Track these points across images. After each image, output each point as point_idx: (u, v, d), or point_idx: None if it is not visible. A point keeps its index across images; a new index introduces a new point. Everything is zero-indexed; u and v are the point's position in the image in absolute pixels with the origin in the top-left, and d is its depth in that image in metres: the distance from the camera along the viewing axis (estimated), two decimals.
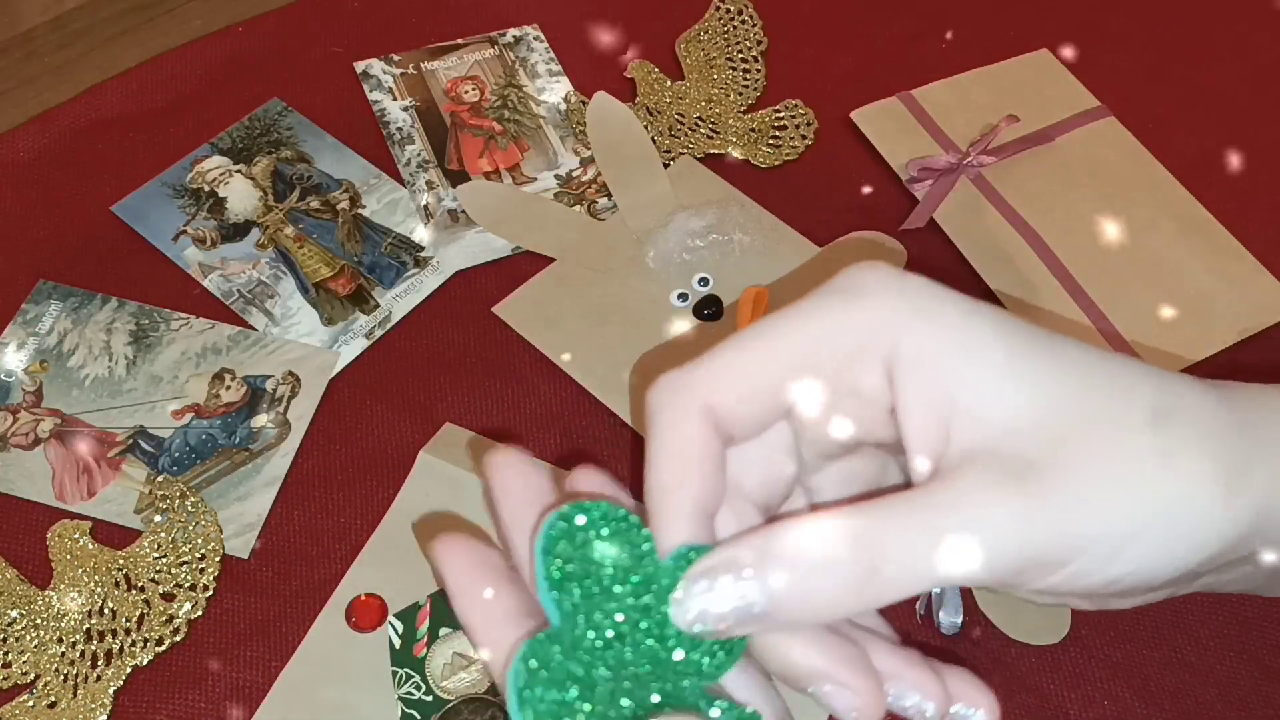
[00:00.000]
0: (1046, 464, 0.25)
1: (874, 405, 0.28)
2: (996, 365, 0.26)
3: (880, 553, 0.25)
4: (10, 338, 0.59)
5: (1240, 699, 0.49)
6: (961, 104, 0.68)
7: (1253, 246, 0.62)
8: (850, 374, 0.27)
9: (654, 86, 0.69)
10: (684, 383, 0.28)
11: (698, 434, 0.27)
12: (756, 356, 0.28)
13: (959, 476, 0.26)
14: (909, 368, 0.26)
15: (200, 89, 0.70)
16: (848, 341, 0.27)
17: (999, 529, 0.25)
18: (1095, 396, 0.26)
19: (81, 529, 0.51)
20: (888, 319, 0.27)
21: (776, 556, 0.25)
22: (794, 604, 0.25)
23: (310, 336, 0.59)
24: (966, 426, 0.26)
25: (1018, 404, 0.26)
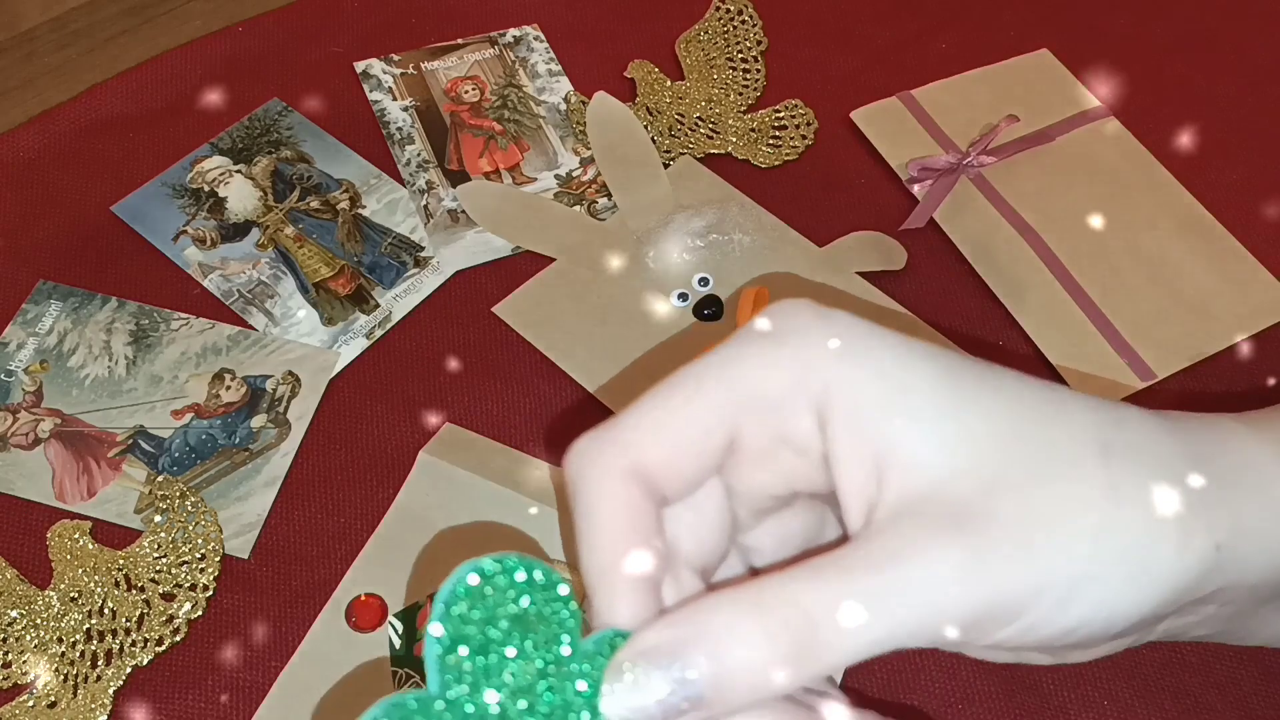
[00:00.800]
0: (989, 510, 0.24)
1: (806, 453, 0.26)
2: (932, 408, 0.25)
3: (816, 622, 0.23)
4: (10, 338, 0.59)
5: (1240, 699, 0.49)
6: (961, 104, 0.68)
7: (1253, 246, 0.62)
8: (780, 422, 0.26)
9: (654, 86, 0.69)
10: (605, 444, 0.26)
11: (629, 499, 0.25)
12: (681, 408, 0.26)
13: (896, 529, 0.24)
14: (839, 414, 0.25)
15: (200, 89, 0.70)
16: (775, 388, 0.25)
17: (942, 585, 0.23)
18: (1038, 434, 0.25)
19: (81, 529, 0.51)
20: (814, 363, 0.25)
21: (703, 640, 0.23)
22: (729, 689, 0.23)
23: (310, 336, 0.59)
24: (902, 474, 0.24)
25: (956, 448, 0.24)
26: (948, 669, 0.50)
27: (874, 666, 0.50)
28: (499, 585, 0.24)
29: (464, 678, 0.24)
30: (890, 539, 0.24)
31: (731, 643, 0.23)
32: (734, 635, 0.23)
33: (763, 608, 0.23)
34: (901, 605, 0.23)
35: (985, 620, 0.24)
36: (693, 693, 0.23)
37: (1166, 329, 0.59)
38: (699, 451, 0.26)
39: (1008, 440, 0.25)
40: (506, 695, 0.24)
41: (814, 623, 0.23)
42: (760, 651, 0.23)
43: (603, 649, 0.25)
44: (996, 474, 0.24)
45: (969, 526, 0.24)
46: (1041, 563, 0.24)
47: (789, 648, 0.23)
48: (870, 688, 0.49)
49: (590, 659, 0.24)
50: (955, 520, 0.24)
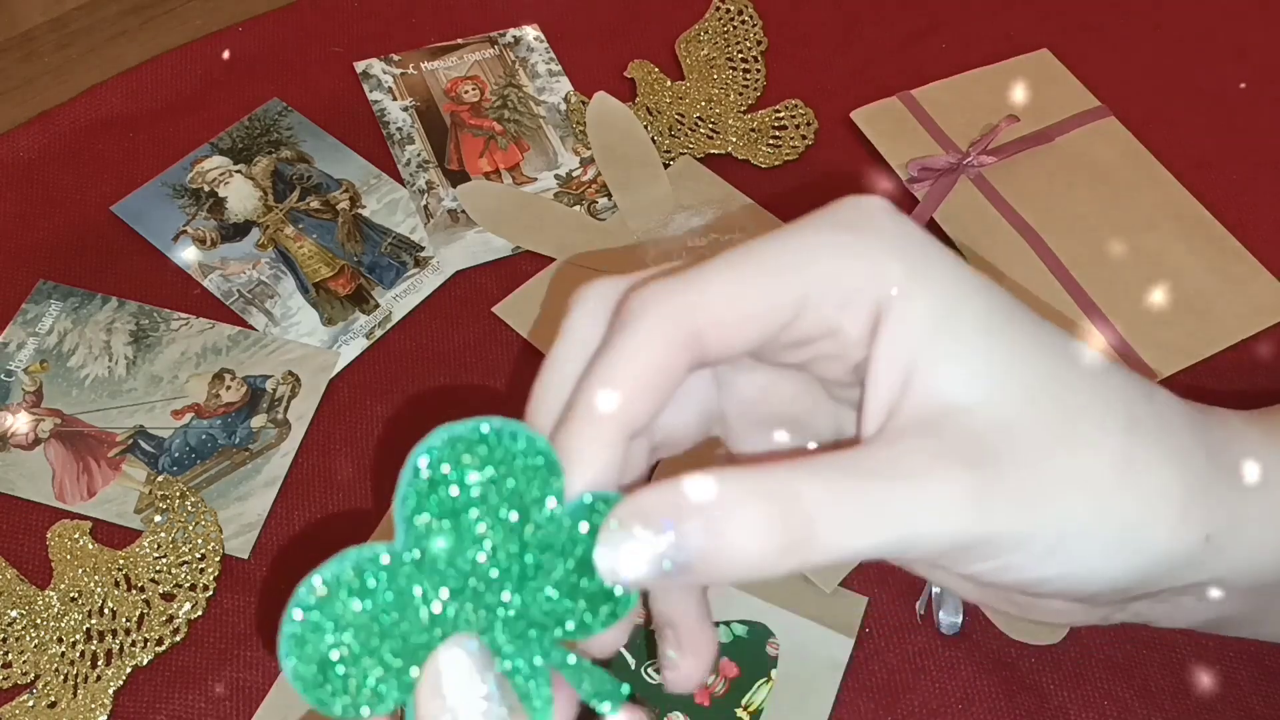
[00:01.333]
0: (1003, 450, 0.24)
1: (849, 348, 0.26)
2: (976, 338, 0.25)
3: (814, 515, 0.23)
4: (10, 338, 0.59)
5: (1240, 699, 0.49)
6: (961, 104, 0.68)
7: (1253, 246, 0.62)
8: (842, 312, 0.26)
9: (654, 86, 0.69)
10: (673, 297, 0.25)
11: (673, 361, 0.25)
12: (755, 279, 0.25)
13: (910, 443, 0.24)
14: (891, 317, 0.25)
15: (200, 89, 0.70)
16: (851, 280, 0.25)
17: (941, 510, 0.24)
18: (1068, 392, 0.25)
19: (81, 529, 0.51)
20: (886, 263, 0.25)
21: (702, 514, 0.23)
22: (716, 566, 0.23)
23: (310, 336, 0.59)
24: (928, 391, 0.25)
25: (987, 382, 0.25)
26: (948, 669, 0.50)
27: (874, 666, 0.50)
28: (495, 448, 0.24)
29: (433, 535, 0.24)
30: (902, 452, 0.24)
31: (729, 521, 0.23)
32: (733, 515, 0.23)
33: (766, 494, 0.23)
34: (899, 520, 0.24)
35: (968, 550, 0.24)
36: (682, 561, 0.23)
37: (1166, 329, 0.59)
38: (762, 326, 0.26)
39: (1040, 390, 0.25)
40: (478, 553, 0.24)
41: (812, 520, 0.23)
42: (755, 536, 0.23)
43: (580, 514, 0.25)
44: (1018, 419, 0.25)
45: (981, 460, 0.24)
46: (1040, 515, 0.24)
47: (784, 538, 0.23)
48: (870, 687, 0.49)
49: (566, 520, 0.24)
50: (969, 450, 0.24)
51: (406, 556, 0.24)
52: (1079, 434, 0.25)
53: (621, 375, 0.25)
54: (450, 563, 0.24)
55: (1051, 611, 0.29)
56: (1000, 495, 0.24)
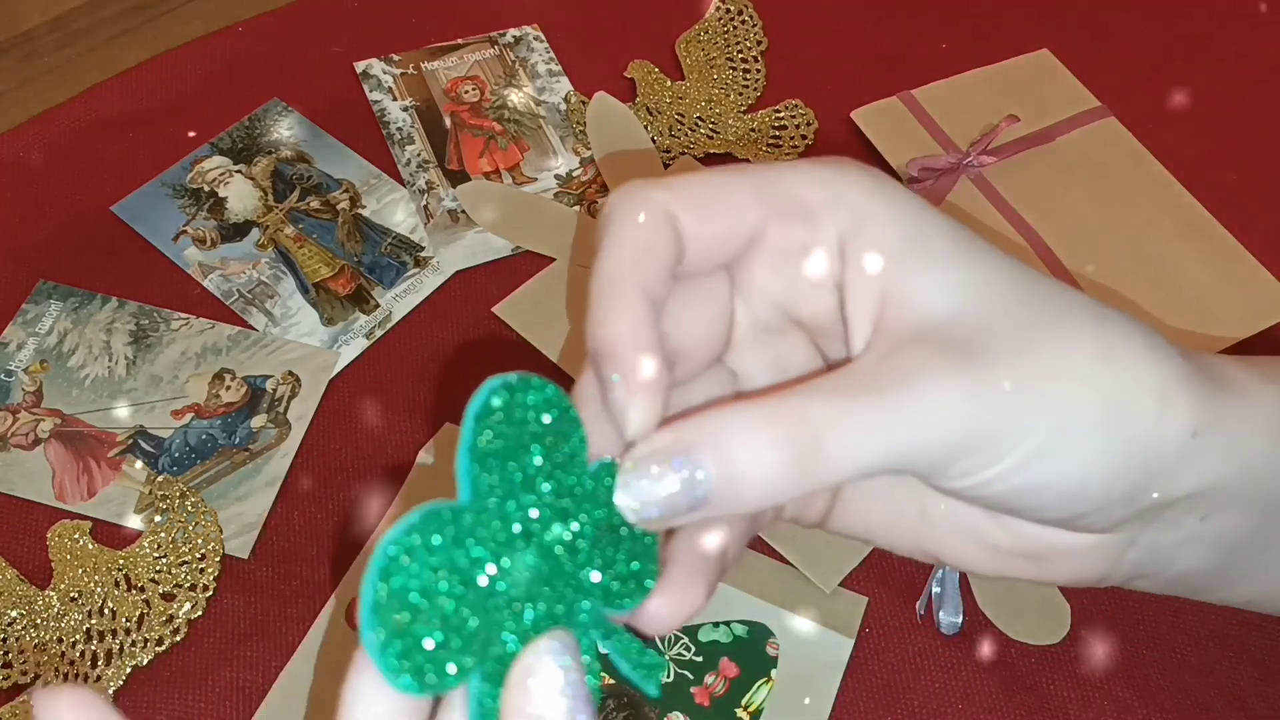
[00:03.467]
0: (988, 349, 0.25)
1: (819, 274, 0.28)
2: (944, 255, 0.27)
3: (823, 433, 0.24)
4: (10, 338, 0.59)
5: (1240, 699, 0.49)
6: (961, 104, 0.68)
7: (1253, 246, 0.62)
8: (807, 231, 0.27)
9: (654, 86, 0.69)
10: (650, 191, 0.27)
11: (659, 234, 0.27)
12: (721, 184, 0.27)
13: (901, 354, 0.25)
14: (860, 241, 0.27)
15: (200, 89, 0.70)
16: (811, 199, 0.27)
17: (941, 411, 0.25)
18: (1038, 295, 0.27)
19: (81, 529, 0.51)
20: (848, 192, 0.27)
21: (713, 444, 0.24)
22: (733, 493, 0.24)
23: (310, 336, 0.59)
24: (908, 306, 0.26)
25: (962, 291, 0.26)
26: (948, 668, 0.50)
27: (874, 666, 0.50)
28: (536, 401, 0.25)
29: (495, 489, 0.24)
30: (896, 362, 0.25)
31: (739, 449, 0.24)
32: (742, 442, 0.24)
33: (771, 419, 0.24)
34: (903, 426, 0.24)
35: (975, 451, 0.25)
36: (699, 493, 0.24)
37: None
38: (729, 224, 0.27)
39: (1010, 296, 0.26)
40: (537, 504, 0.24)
41: (819, 436, 0.24)
42: (766, 460, 0.24)
43: (605, 473, 0.25)
44: (996, 321, 0.26)
45: (970, 361, 0.25)
46: (1032, 406, 0.25)
47: (794, 458, 0.24)
48: (870, 687, 0.49)
49: (594, 480, 0.25)
50: (957, 353, 0.25)
51: (468, 518, 0.24)
52: (1056, 330, 0.26)
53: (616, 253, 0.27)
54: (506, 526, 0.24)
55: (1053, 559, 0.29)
56: (992, 389, 0.25)
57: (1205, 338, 0.59)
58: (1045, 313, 0.26)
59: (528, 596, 0.24)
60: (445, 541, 0.23)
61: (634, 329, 0.26)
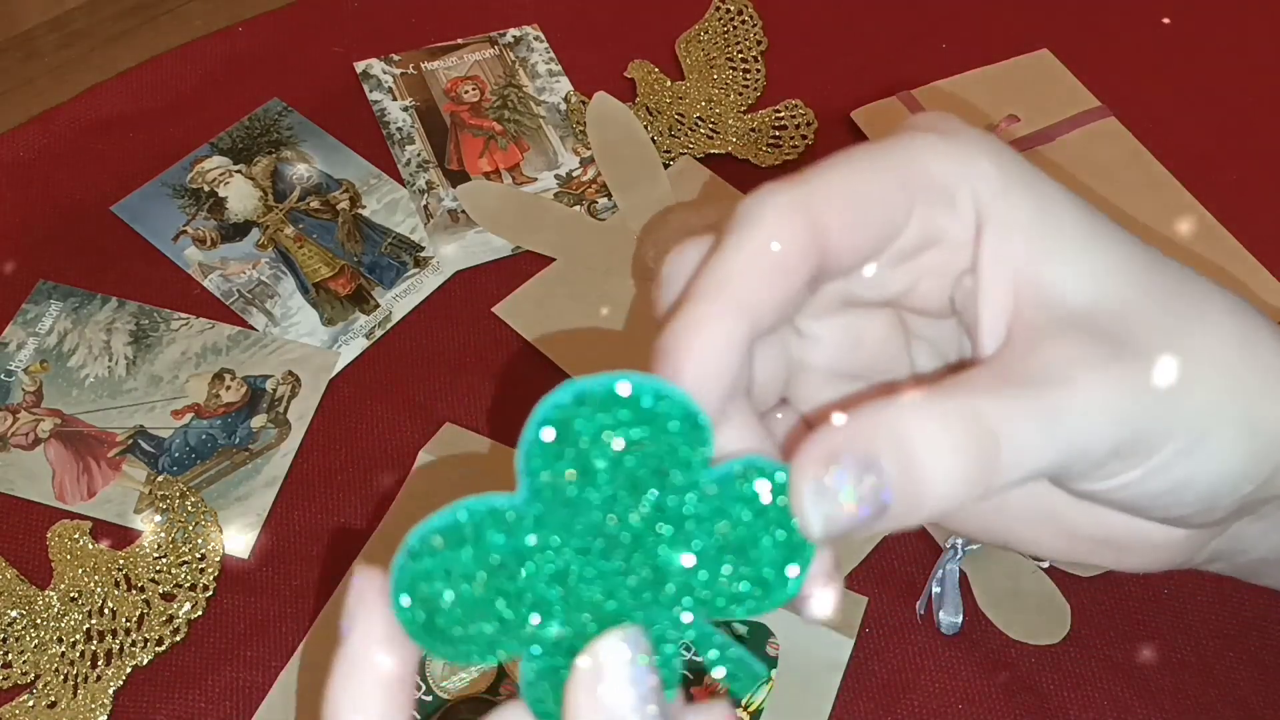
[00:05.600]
0: (1137, 339, 0.24)
1: (956, 252, 0.25)
2: (1078, 236, 0.24)
3: (999, 439, 0.22)
4: (10, 338, 0.59)
5: (1240, 699, 0.49)
6: (961, 104, 0.68)
7: (1253, 246, 0.62)
8: (945, 213, 0.25)
9: (654, 86, 0.69)
10: (793, 190, 0.23)
11: (798, 255, 0.23)
12: (869, 177, 0.24)
13: (1052, 346, 0.23)
14: (995, 226, 0.24)
15: (200, 89, 0.70)
16: (950, 176, 0.24)
17: (1109, 405, 0.23)
18: (1172, 281, 0.25)
19: (81, 529, 0.51)
20: (979, 161, 0.24)
21: (895, 446, 0.21)
22: (915, 500, 0.22)
23: (310, 336, 0.59)
24: (1048, 295, 0.24)
25: (1100, 279, 0.24)
26: (948, 669, 0.50)
27: (874, 666, 0.50)
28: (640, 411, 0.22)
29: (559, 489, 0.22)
30: (1048, 355, 0.23)
31: (922, 451, 0.22)
32: (924, 443, 0.22)
33: (950, 417, 0.22)
34: (1071, 426, 0.23)
35: (1128, 449, 0.24)
36: (880, 502, 0.21)
37: None
38: (881, 224, 0.24)
39: (1145, 281, 0.25)
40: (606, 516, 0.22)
41: (997, 439, 0.22)
42: (951, 462, 0.22)
43: (731, 478, 0.23)
44: (1137, 310, 0.24)
45: (1120, 353, 0.23)
46: (1182, 400, 0.24)
47: (976, 462, 0.22)
48: (871, 687, 0.49)
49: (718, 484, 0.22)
50: (1108, 346, 0.23)
51: (527, 510, 0.22)
52: (1195, 319, 0.24)
53: (742, 263, 0.23)
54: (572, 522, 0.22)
55: (1135, 548, 0.28)
56: (1147, 390, 0.23)
57: None
58: (1182, 300, 0.25)
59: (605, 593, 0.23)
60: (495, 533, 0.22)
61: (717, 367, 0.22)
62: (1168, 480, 0.24)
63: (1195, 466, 0.24)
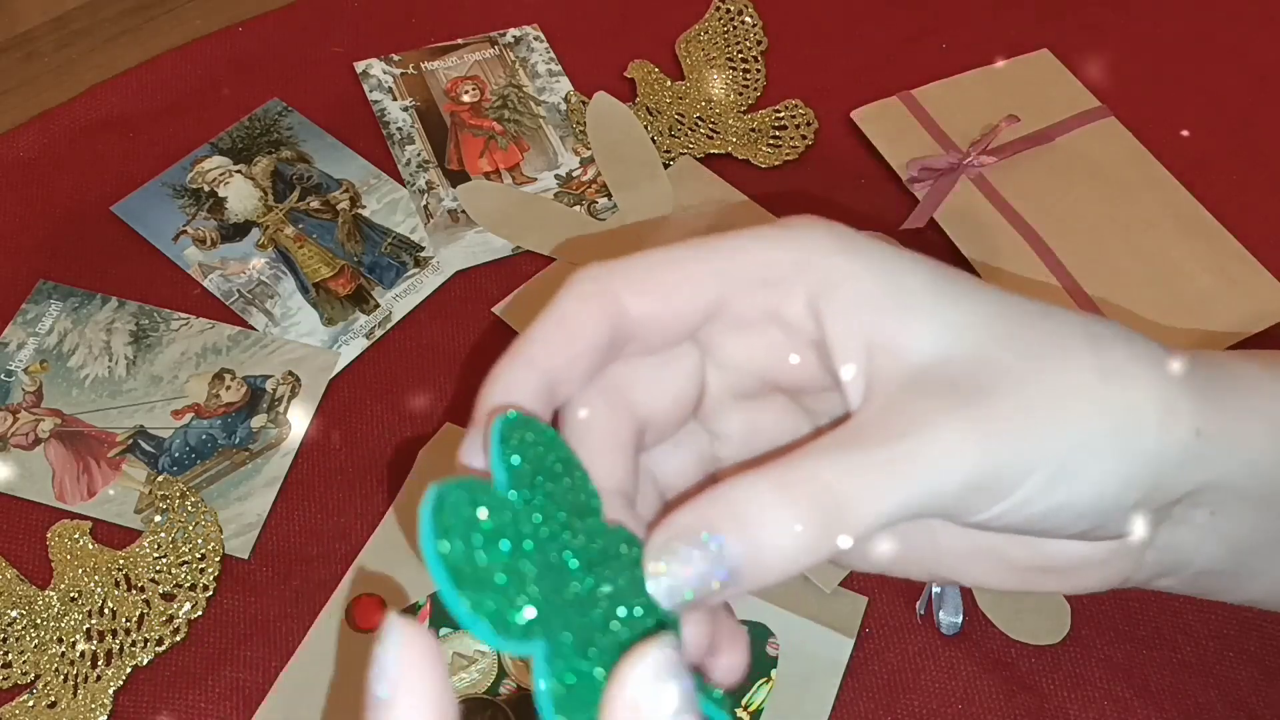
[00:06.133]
0: (987, 387, 0.25)
1: (796, 335, 0.27)
2: (926, 297, 0.26)
3: (840, 498, 0.24)
4: (10, 338, 0.59)
5: (1240, 699, 0.49)
6: (961, 104, 0.68)
7: (1253, 246, 0.62)
8: (774, 299, 0.27)
9: (654, 86, 0.69)
10: (599, 272, 0.27)
11: (587, 318, 0.26)
12: (675, 261, 0.27)
13: (903, 404, 0.25)
14: (836, 300, 0.26)
15: (200, 89, 0.70)
16: (773, 268, 0.27)
17: (954, 455, 0.24)
18: (1027, 324, 0.26)
19: (81, 529, 0.51)
20: (814, 253, 0.27)
21: (736, 522, 0.23)
22: (762, 567, 0.24)
23: (310, 336, 0.59)
24: (899, 355, 0.26)
25: (950, 332, 0.26)
26: (948, 669, 0.50)
27: (874, 666, 0.50)
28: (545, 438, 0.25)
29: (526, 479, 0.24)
30: (898, 411, 0.25)
31: (763, 523, 0.23)
32: (765, 516, 0.23)
33: (789, 486, 0.24)
34: (917, 476, 0.24)
35: (985, 490, 0.25)
36: (727, 571, 0.23)
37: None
38: (682, 303, 0.27)
39: (999, 328, 0.26)
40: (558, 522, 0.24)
41: (839, 498, 0.24)
42: (792, 528, 0.23)
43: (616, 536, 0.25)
44: (990, 356, 0.26)
45: (972, 400, 0.25)
46: (1039, 436, 0.25)
47: (818, 525, 0.23)
48: (871, 686, 0.49)
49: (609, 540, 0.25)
50: (958, 394, 0.25)
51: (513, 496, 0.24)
52: (1051, 357, 0.26)
53: (538, 330, 0.26)
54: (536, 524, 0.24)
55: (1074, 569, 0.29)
56: (1000, 424, 0.25)
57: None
58: (1038, 339, 0.26)
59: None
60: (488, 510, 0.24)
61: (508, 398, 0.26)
62: (1044, 505, 0.26)
63: (1067, 490, 0.26)
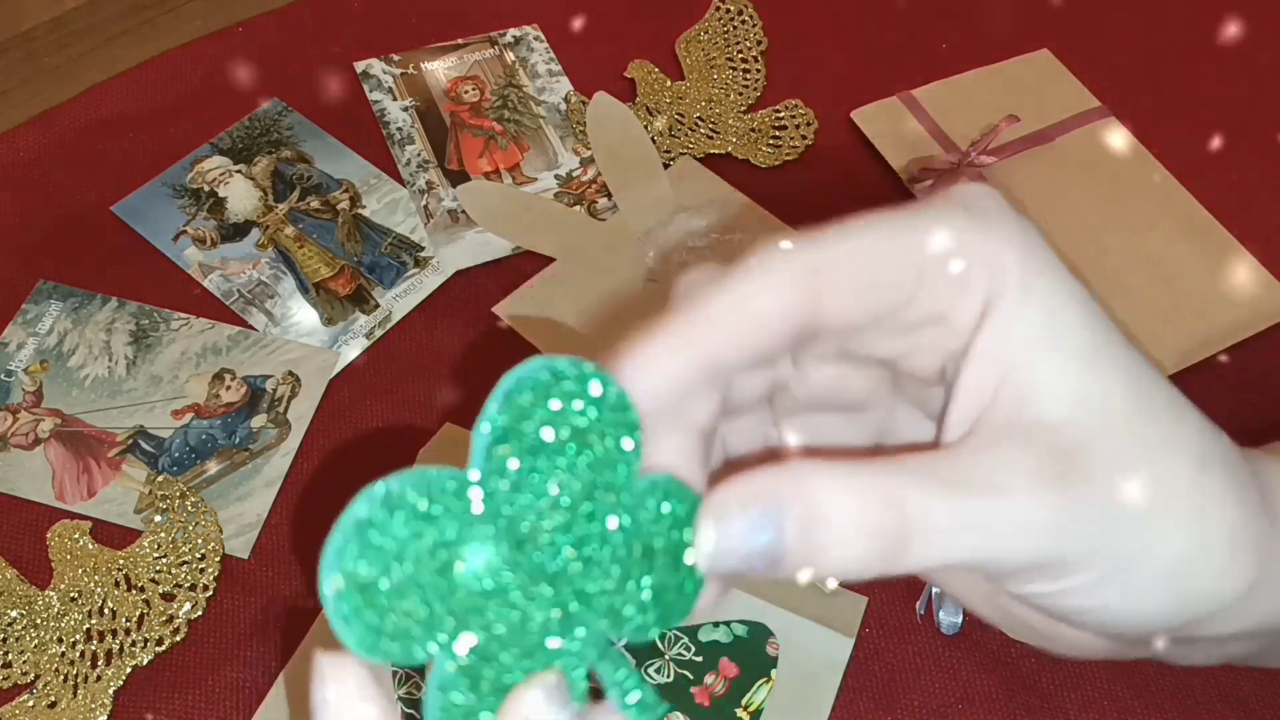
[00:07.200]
0: (1090, 466, 0.24)
1: (950, 341, 0.25)
2: (1075, 348, 0.24)
3: (910, 525, 0.22)
4: (10, 338, 0.59)
5: (1240, 699, 0.49)
6: (961, 104, 0.68)
7: (1253, 246, 0.62)
8: (958, 297, 0.24)
9: (654, 86, 0.69)
10: (800, 258, 0.24)
11: (785, 315, 0.23)
12: (882, 252, 0.24)
13: (1002, 455, 0.24)
14: (999, 322, 0.24)
15: (200, 89, 0.70)
16: (963, 262, 0.24)
17: (1032, 526, 0.23)
18: (1152, 419, 0.25)
19: (81, 529, 0.51)
20: (1002, 256, 0.24)
21: (802, 505, 0.22)
22: (808, 559, 0.22)
23: (310, 336, 0.59)
24: (1026, 401, 0.24)
25: (1080, 401, 0.24)
26: (947, 669, 0.50)
27: (874, 666, 0.50)
28: (568, 391, 0.23)
29: (507, 475, 0.22)
30: (996, 464, 0.24)
31: (829, 515, 0.22)
32: (833, 508, 0.22)
33: (866, 492, 0.22)
34: (988, 534, 0.23)
35: (1046, 566, 0.24)
36: (776, 550, 0.22)
37: (1166, 329, 0.59)
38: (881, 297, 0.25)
39: (1125, 413, 0.25)
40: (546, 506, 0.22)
41: (908, 525, 0.22)
42: (856, 536, 0.22)
43: (655, 492, 0.23)
44: (1106, 440, 0.24)
45: (1068, 480, 0.24)
46: (1113, 536, 0.24)
47: (880, 540, 0.22)
48: (871, 687, 0.49)
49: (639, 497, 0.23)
50: (1059, 465, 0.24)
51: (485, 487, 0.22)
52: (1157, 463, 0.25)
53: (720, 312, 0.23)
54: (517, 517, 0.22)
55: (1072, 644, 0.28)
56: (1082, 517, 0.24)
57: (1205, 338, 0.59)
58: (1156, 437, 0.25)
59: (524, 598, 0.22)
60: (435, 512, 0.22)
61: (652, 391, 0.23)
62: (1085, 601, 0.25)
63: (1113, 596, 0.25)
